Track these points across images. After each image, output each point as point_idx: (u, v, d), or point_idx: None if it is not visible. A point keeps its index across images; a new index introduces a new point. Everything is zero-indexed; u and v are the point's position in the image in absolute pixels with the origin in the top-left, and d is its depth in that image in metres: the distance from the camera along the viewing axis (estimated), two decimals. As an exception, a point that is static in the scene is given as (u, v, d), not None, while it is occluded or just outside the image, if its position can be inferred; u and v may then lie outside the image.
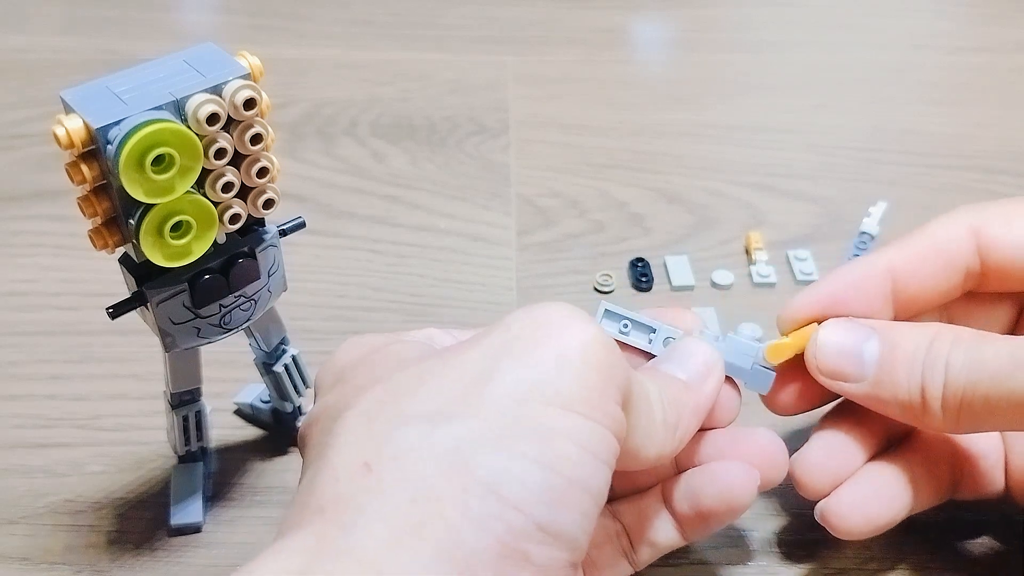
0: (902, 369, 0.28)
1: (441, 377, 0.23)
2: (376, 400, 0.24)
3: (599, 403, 0.23)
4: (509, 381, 0.22)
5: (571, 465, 0.22)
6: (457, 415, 0.22)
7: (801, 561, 0.33)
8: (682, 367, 0.28)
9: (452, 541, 0.21)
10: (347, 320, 0.43)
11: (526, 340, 0.23)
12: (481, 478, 0.21)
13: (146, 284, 0.28)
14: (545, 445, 0.22)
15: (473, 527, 0.21)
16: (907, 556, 0.33)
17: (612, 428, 0.23)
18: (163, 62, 0.27)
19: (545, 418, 0.22)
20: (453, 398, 0.23)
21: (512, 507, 0.21)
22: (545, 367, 0.23)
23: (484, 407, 0.22)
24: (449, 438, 0.22)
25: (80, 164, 0.25)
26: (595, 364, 0.23)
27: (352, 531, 0.21)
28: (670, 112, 0.58)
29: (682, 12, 0.69)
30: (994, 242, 0.30)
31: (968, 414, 0.27)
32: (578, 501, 0.22)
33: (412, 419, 0.22)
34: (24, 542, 0.33)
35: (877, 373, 0.29)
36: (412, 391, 0.23)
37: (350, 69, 0.61)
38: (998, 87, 0.60)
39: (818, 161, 0.53)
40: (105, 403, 0.39)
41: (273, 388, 0.36)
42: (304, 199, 0.50)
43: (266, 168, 0.28)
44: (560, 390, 0.22)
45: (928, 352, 0.28)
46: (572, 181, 0.52)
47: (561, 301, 0.24)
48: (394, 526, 0.21)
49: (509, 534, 0.21)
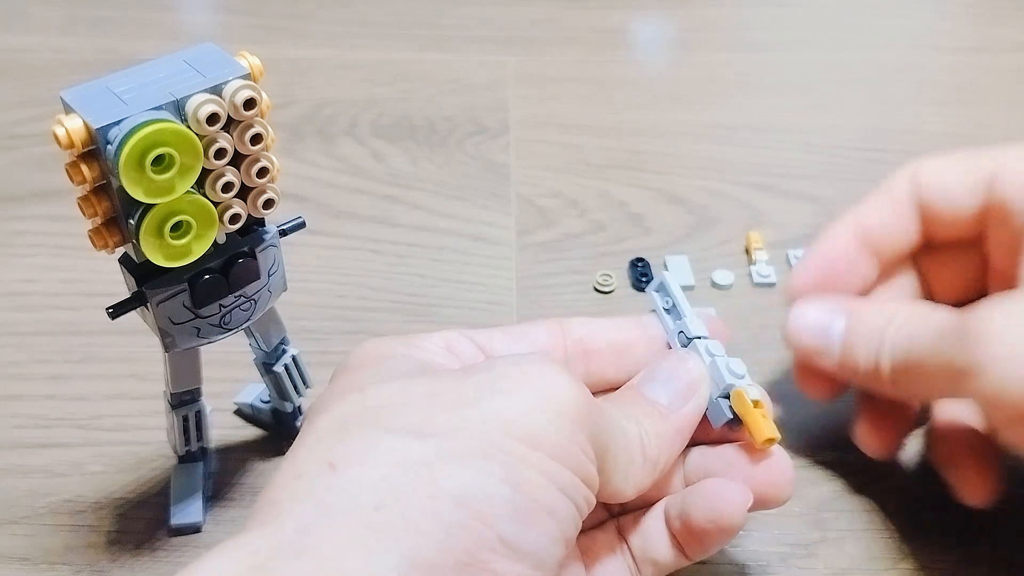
0: (861, 345, 0.32)
1: (422, 398, 0.24)
2: (352, 407, 0.24)
3: (568, 450, 0.24)
4: (486, 413, 0.23)
5: (538, 490, 0.23)
6: (431, 434, 0.22)
7: (801, 561, 0.33)
8: (665, 388, 0.29)
9: (415, 547, 0.21)
10: (347, 320, 0.43)
11: (511, 382, 0.24)
12: (449, 489, 0.21)
13: (146, 284, 0.28)
14: (513, 469, 0.22)
15: (438, 535, 0.21)
16: (908, 556, 0.33)
17: (579, 474, 0.24)
18: (163, 62, 0.27)
19: (515, 448, 0.23)
20: (429, 419, 0.23)
21: (478, 519, 0.21)
22: (522, 408, 0.23)
23: (458, 430, 0.23)
24: (420, 451, 0.22)
25: (80, 164, 0.25)
26: (570, 416, 0.24)
27: (311, 531, 0.21)
28: (670, 112, 0.58)
29: (682, 12, 0.69)
30: (926, 188, 0.34)
31: (907, 382, 0.30)
32: (544, 524, 0.23)
33: (387, 432, 0.23)
34: (24, 542, 0.33)
35: (842, 349, 0.32)
36: (390, 405, 0.24)
37: (350, 69, 0.61)
38: (998, 87, 0.60)
39: (818, 161, 0.53)
40: (105, 403, 0.39)
41: (273, 388, 0.36)
42: (304, 199, 0.50)
43: (266, 168, 0.28)
44: (533, 431, 0.23)
45: (883, 330, 0.31)
46: (572, 181, 0.52)
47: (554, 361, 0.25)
48: (356, 528, 0.21)
49: (475, 545, 0.21)
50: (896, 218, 0.34)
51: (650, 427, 0.28)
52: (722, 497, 0.28)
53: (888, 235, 0.34)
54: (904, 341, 0.30)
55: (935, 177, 0.34)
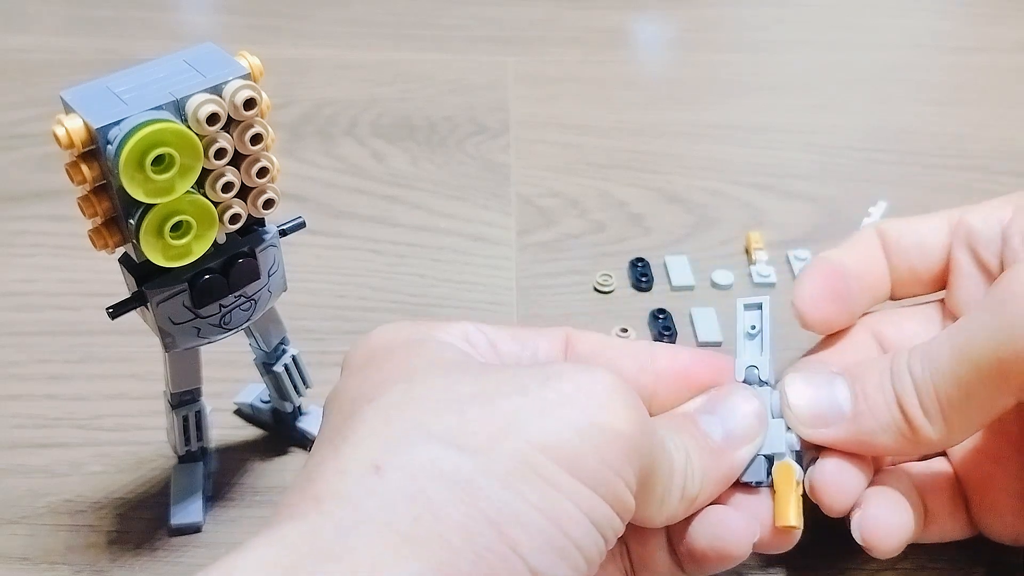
0: (874, 393, 0.29)
1: (469, 400, 0.23)
2: (398, 401, 0.23)
3: (609, 481, 0.23)
4: (532, 430, 0.23)
5: (570, 523, 0.22)
6: (474, 449, 0.22)
7: (801, 561, 0.33)
8: (723, 424, 0.28)
9: (447, 564, 0.20)
10: (347, 320, 0.43)
11: (563, 399, 0.23)
12: (485, 510, 0.21)
13: (146, 284, 0.28)
14: (547, 497, 0.22)
15: (470, 555, 0.21)
16: (907, 556, 0.33)
17: (615, 507, 0.23)
18: (163, 62, 0.27)
19: (556, 476, 0.22)
20: (475, 431, 0.22)
21: (510, 546, 0.21)
22: (571, 432, 0.23)
23: (500, 446, 0.22)
24: (461, 465, 0.22)
25: (80, 164, 0.25)
26: (620, 446, 0.23)
27: (349, 533, 0.21)
28: (670, 112, 0.58)
29: (682, 12, 0.69)
30: (888, 243, 0.34)
31: (949, 407, 0.27)
32: (571, 557, 0.22)
33: (431, 438, 0.22)
34: (24, 542, 0.33)
35: (854, 408, 0.29)
36: (436, 404, 0.23)
37: (350, 69, 0.61)
38: (998, 87, 0.60)
39: (818, 161, 0.53)
40: (105, 403, 0.39)
41: (273, 388, 0.36)
42: (304, 199, 0.50)
43: (266, 168, 0.28)
44: (576, 457, 0.23)
45: (891, 371, 0.29)
46: (572, 181, 0.52)
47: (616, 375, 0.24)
48: (392, 539, 0.21)
49: (503, 571, 0.21)
50: (869, 267, 0.34)
51: (697, 462, 0.27)
52: (728, 527, 0.27)
53: (861, 283, 0.33)
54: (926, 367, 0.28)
55: (903, 227, 0.34)
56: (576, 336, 0.30)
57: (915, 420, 0.28)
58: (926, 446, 0.28)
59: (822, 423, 0.29)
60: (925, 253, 0.33)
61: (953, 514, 0.32)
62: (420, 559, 0.20)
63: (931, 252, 0.33)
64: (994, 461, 0.31)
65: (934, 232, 0.33)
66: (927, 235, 0.33)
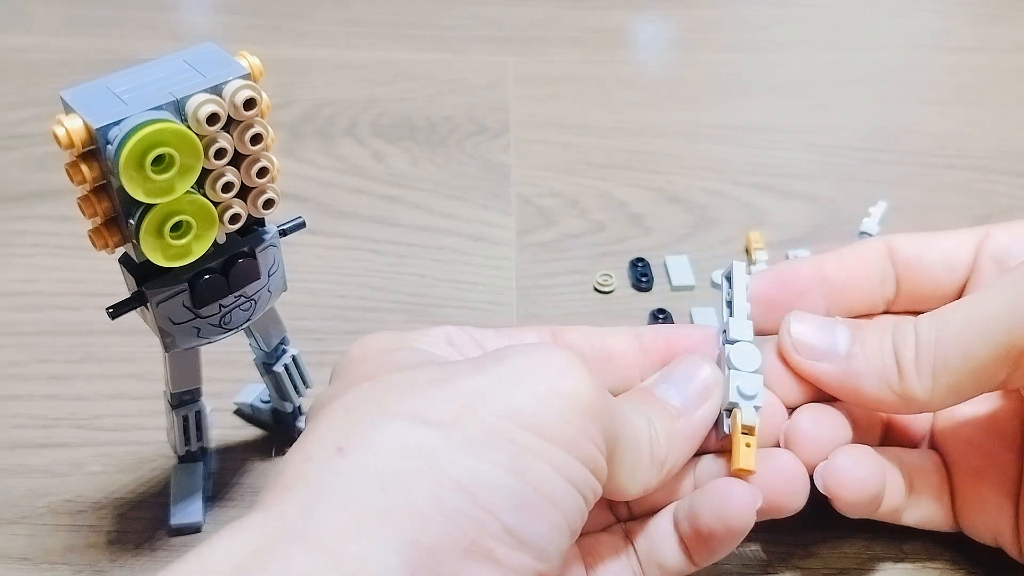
0: (873, 338, 0.29)
1: (430, 385, 0.24)
2: (362, 394, 0.24)
3: (577, 441, 0.24)
4: (495, 402, 0.23)
5: (544, 480, 0.23)
6: (439, 421, 0.23)
7: (801, 561, 0.33)
8: (679, 390, 0.29)
9: (417, 530, 0.21)
10: (347, 320, 0.43)
11: (521, 372, 0.24)
12: (453, 475, 0.22)
13: (146, 284, 0.28)
14: (518, 458, 0.22)
15: (440, 520, 0.21)
16: (907, 556, 0.33)
17: (589, 466, 0.24)
18: (163, 62, 0.27)
19: (523, 438, 0.23)
20: (438, 405, 0.23)
21: (482, 507, 0.22)
22: (532, 399, 0.23)
23: (466, 418, 0.23)
24: (427, 437, 0.22)
25: (80, 164, 0.25)
26: (581, 408, 0.24)
27: (315, 513, 0.21)
28: (670, 112, 0.58)
29: (682, 12, 0.69)
30: (905, 258, 0.33)
31: (944, 369, 0.28)
32: (548, 514, 0.23)
33: (395, 416, 0.23)
34: (24, 542, 0.33)
35: (850, 347, 0.29)
36: (399, 392, 0.24)
37: (350, 69, 0.61)
38: (998, 87, 0.60)
39: (818, 161, 0.53)
40: (105, 403, 0.39)
41: (273, 388, 0.36)
42: (304, 199, 0.50)
43: (266, 168, 0.28)
44: (542, 422, 0.23)
45: (895, 326, 0.29)
46: (572, 181, 0.52)
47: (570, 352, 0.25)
48: (359, 511, 0.21)
49: (477, 531, 0.21)
50: (863, 276, 0.33)
51: (660, 427, 0.28)
52: (730, 496, 0.28)
53: (848, 291, 0.33)
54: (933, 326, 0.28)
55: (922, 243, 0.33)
56: (561, 330, 0.31)
57: (906, 373, 0.28)
58: (908, 402, 0.28)
59: (815, 356, 0.30)
60: (951, 268, 0.33)
61: (938, 499, 0.32)
62: (388, 528, 0.21)
63: (957, 267, 0.33)
64: (984, 456, 0.32)
65: (960, 248, 0.33)
66: (952, 251, 0.33)
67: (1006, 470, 0.31)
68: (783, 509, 0.29)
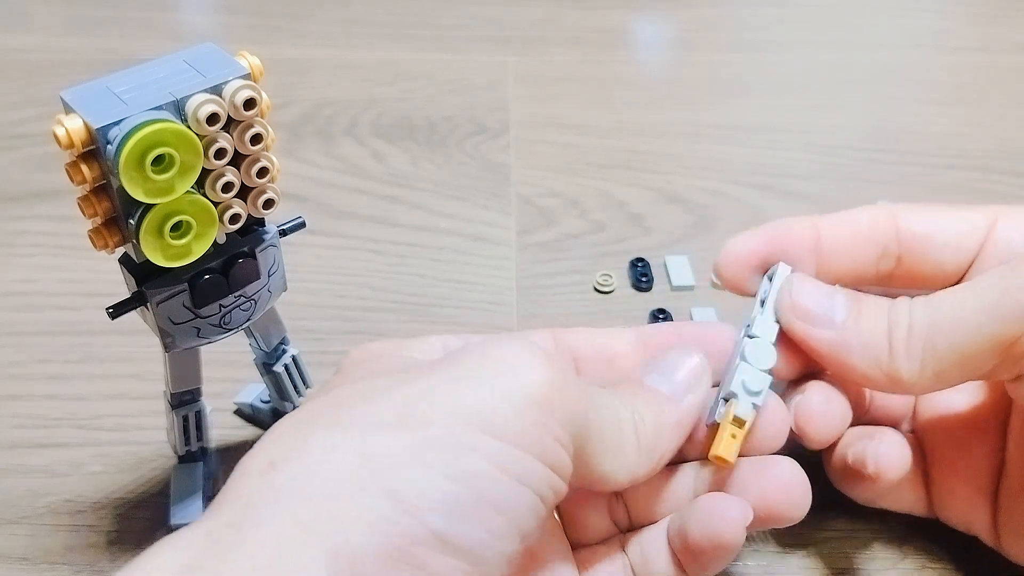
0: (869, 313, 0.29)
1: (382, 391, 0.24)
2: (313, 406, 0.24)
3: (532, 435, 0.23)
4: (447, 404, 0.23)
5: (485, 482, 0.22)
6: (386, 427, 0.22)
7: (801, 560, 0.33)
8: (667, 378, 0.29)
9: (340, 541, 0.20)
10: (347, 320, 0.43)
11: (480, 369, 0.24)
12: (382, 483, 0.21)
13: (146, 284, 0.28)
14: (458, 460, 0.22)
15: (365, 528, 0.21)
16: (907, 556, 0.33)
17: (545, 461, 0.23)
18: (163, 62, 0.27)
19: (469, 439, 0.22)
20: (389, 412, 0.23)
21: (408, 513, 0.21)
22: (485, 397, 0.23)
23: (409, 422, 0.22)
24: (366, 445, 0.22)
25: (80, 164, 0.25)
26: (540, 401, 0.23)
27: (243, 528, 0.21)
28: (670, 112, 0.58)
29: (682, 12, 0.69)
30: (913, 236, 0.32)
31: (932, 355, 0.27)
32: (487, 518, 0.22)
33: (334, 425, 0.23)
34: (24, 542, 0.33)
35: (846, 318, 0.29)
36: (350, 401, 0.24)
37: (350, 69, 0.61)
38: (998, 87, 0.60)
39: (818, 161, 0.53)
40: (105, 403, 0.39)
41: (273, 388, 0.36)
42: (304, 199, 0.50)
43: (266, 168, 0.28)
44: (495, 420, 0.23)
45: (892, 304, 0.29)
46: (572, 181, 0.52)
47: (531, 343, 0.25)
48: (284, 524, 0.21)
49: (402, 538, 0.21)
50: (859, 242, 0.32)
51: (647, 414, 0.27)
52: (720, 513, 0.27)
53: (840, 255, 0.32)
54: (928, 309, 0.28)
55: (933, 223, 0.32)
56: (563, 332, 0.31)
57: (896, 353, 0.28)
58: (894, 383, 0.28)
59: (809, 320, 0.29)
60: (958, 251, 0.32)
61: (913, 483, 0.32)
62: (313, 539, 0.20)
63: (964, 251, 0.32)
64: (960, 447, 0.32)
65: (971, 234, 0.32)
66: (962, 234, 0.32)
67: (980, 465, 0.31)
68: (783, 518, 0.28)
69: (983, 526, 0.31)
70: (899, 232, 0.32)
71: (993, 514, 0.31)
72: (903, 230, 0.32)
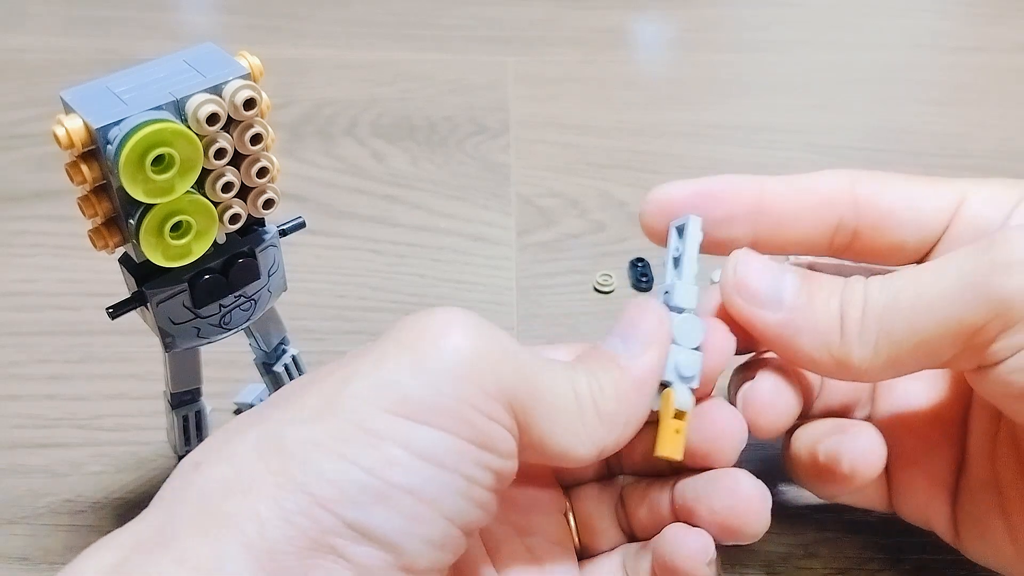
0: (821, 293, 0.27)
1: (312, 385, 0.24)
2: (247, 412, 0.25)
3: (456, 414, 0.22)
4: (362, 388, 0.22)
5: (396, 469, 0.22)
6: (304, 421, 0.22)
7: (801, 561, 0.33)
8: (623, 340, 0.26)
9: (257, 534, 0.21)
10: (347, 320, 0.43)
11: (397, 346, 0.23)
12: (295, 476, 0.21)
13: (146, 284, 0.28)
14: (371, 448, 0.22)
15: (279, 522, 0.21)
16: (907, 556, 0.33)
17: (473, 439, 0.22)
18: (163, 62, 0.27)
19: (378, 423, 0.22)
20: (306, 408, 0.23)
21: (320, 504, 0.21)
22: (399, 374, 0.22)
23: (331, 413, 0.22)
24: (283, 440, 0.22)
25: (80, 164, 0.25)
26: (460, 374, 0.22)
27: (166, 525, 0.21)
28: (670, 112, 0.58)
29: (682, 12, 0.69)
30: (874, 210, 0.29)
31: (887, 340, 0.25)
32: (400, 504, 0.22)
33: (260, 422, 0.23)
34: (24, 542, 0.33)
35: (795, 299, 0.27)
36: (279, 402, 0.24)
37: (350, 69, 0.61)
38: (998, 87, 0.60)
39: (818, 161, 0.53)
40: (105, 403, 0.39)
41: (273, 388, 0.36)
42: (304, 199, 0.50)
43: (266, 168, 0.28)
44: (407, 397, 0.22)
45: (846, 284, 0.27)
46: (572, 181, 0.52)
47: (465, 311, 0.24)
48: (204, 521, 0.21)
49: (316, 530, 0.21)
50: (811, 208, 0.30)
51: (605, 380, 0.25)
52: (680, 546, 0.26)
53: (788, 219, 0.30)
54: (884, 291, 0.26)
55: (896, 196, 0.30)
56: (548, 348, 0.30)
57: (848, 336, 0.26)
58: (843, 368, 0.26)
59: (755, 302, 0.27)
60: (923, 229, 0.29)
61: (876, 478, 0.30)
62: (233, 533, 0.21)
63: (930, 230, 0.29)
64: (921, 441, 0.30)
65: (938, 211, 0.29)
66: (929, 213, 0.29)
67: (941, 459, 0.30)
68: (739, 535, 0.27)
69: (942, 522, 0.30)
70: (858, 203, 0.29)
71: (952, 510, 0.30)
72: (863, 202, 0.29)
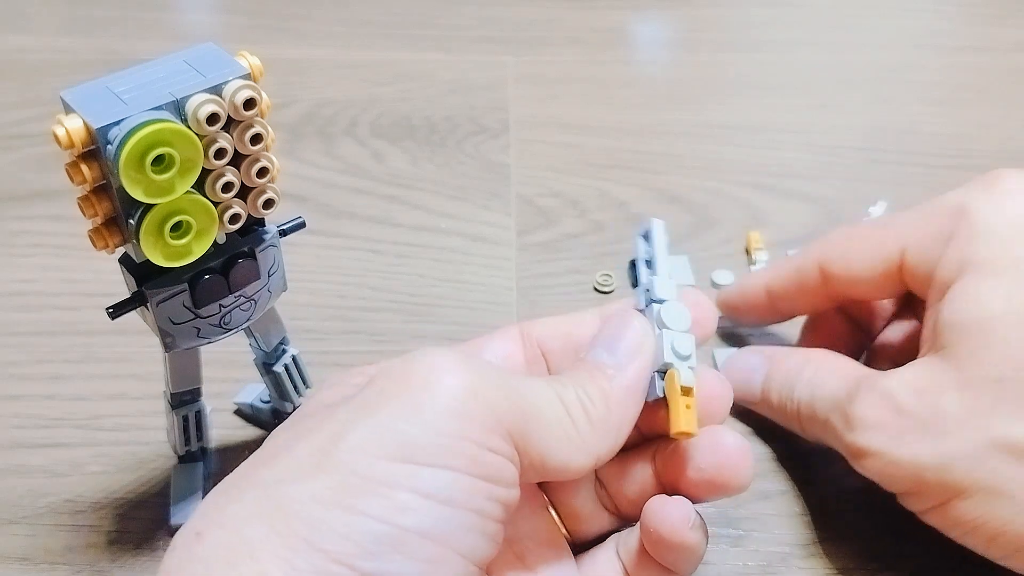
0: (775, 390, 0.35)
1: (305, 439, 0.23)
2: (237, 473, 0.24)
3: (457, 451, 0.23)
4: (359, 438, 0.22)
5: (406, 515, 0.22)
6: (303, 476, 0.22)
7: (802, 561, 0.33)
8: (610, 351, 0.28)
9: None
10: (347, 320, 0.43)
11: (387, 394, 0.23)
12: (302, 533, 0.21)
13: (146, 284, 0.28)
14: (379, 497, 0.22)
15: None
16: (907, 556, 0.33)
17: (477, 472, 0.23)
18: (163, 62, 0.27)
19: (380, 471, 0.22)
20: (305, 460, 0.23)
21: (335, 560, 0.21)
22: (396, 421, 0.23)
23: (330, 467, 0.22)
24: (284, 499, 0.22)
25: (80, 164, 0.25)
26: (455, 412, 0.23)
27: None
28: (670, 112, 0.58)
29: (682, 12, 0.69)
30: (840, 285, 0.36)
31: (812, 427, 0.33)
32: (416, 548, 0.22)
33: (254, 484, 0.23)
34: (24, 542, 0.33)
35: (761, 393, 0.36)
36: (270, 459, 0.24)
37: (350, 69, 0.61)
38: (998, 87, 0.60)
39: (818, 161, 0.53)
40: (105, 403, 0.39)
41: (273, 388, 0.36)
42: (304, 199, 0.50)
43: (266, 168, 0.28)
44: (408, 443, 0.22)
45: (796, 375, 0.34)
46: (572, 181, 0.52)
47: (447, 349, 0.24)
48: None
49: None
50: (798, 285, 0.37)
51: (594, 389, 0.26)
52: (664, 518, 0.27)
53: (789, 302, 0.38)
54: (807, 391, 0.33)
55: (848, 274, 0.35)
56: (529, 325, 0.31)
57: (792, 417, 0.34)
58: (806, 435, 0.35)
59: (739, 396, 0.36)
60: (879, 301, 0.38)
61: None
62: None
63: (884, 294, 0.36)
64: None
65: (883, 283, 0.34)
66: (876, 285, 0.35)
67: None
68: (730, 491, 0.28)
69: None
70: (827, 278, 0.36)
71: None
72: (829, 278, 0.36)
